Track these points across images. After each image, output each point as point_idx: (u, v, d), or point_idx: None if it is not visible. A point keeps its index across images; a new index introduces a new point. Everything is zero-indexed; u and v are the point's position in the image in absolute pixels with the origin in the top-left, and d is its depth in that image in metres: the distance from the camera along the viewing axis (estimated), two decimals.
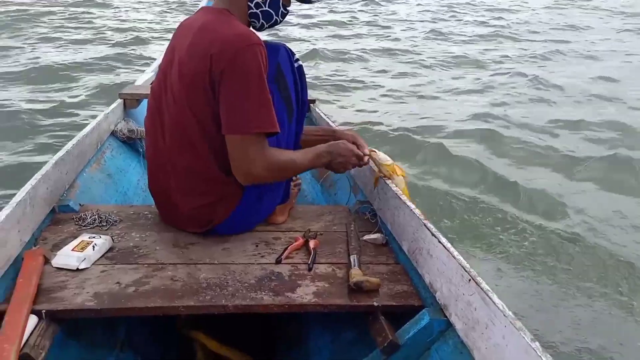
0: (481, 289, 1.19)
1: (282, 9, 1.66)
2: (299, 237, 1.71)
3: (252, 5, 1.62)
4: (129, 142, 2.69)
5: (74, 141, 2.06)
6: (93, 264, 1.50)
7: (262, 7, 1.63)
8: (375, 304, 1.41)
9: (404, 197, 1.69)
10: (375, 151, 1.86)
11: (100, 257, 1.54)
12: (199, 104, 1.55)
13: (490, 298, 1.16)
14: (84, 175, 2.11)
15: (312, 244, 1.66)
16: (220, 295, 1.40)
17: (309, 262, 1.57)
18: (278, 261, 1.57)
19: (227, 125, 1.52)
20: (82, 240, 1.56)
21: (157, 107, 1.68)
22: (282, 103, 1.67)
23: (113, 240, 1.63)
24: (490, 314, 1.15)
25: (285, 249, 1.63)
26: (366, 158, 1.80)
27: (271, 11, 1.64)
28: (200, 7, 1.83)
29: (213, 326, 1.75)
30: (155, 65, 3.62)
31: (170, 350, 1.79)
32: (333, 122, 2.57)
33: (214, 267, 1.54)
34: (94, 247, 1.54)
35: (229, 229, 1.69)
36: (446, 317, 1.34)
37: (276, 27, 1.83)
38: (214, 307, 1.37)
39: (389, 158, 1.86)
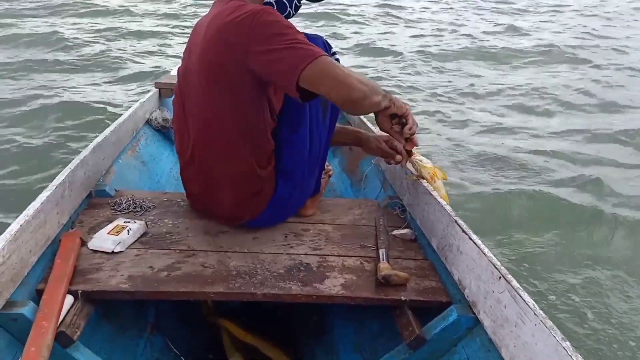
0: (512, 286, 1.19)
1: (296, 1, 1.63)
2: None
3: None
4: (163, 130, 2.74)
5: (111, 128, 2.11)
6: (127, 247, 1.54)
7: (272, 3, 1.59)
8: (402, 298, 1.41)
9: (435, 193, 1.68)
10: (415, 153, 1.80)
11: (135, 241, 1.58)
12: (228, 93, 1.51)
13: (520, 296, 1.15)
14: (120, 161, 2.16)
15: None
16: (250, 283, 1.42)
17: None
18: None
19: (298, 63, 1.38)
20: (118, 225, 1.60)
21: (181, 104, 1.67)
22: (317, 98, 1.66)
23: (147, 225, 1.66)
24: (520, 312, 1.14)
25: None
26: (398, 157, 1.76)
27: (285, 2, 1.61)
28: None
29: (238, 314, 1.77)
30: None
31: (198, 336, 1.82)
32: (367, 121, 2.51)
33: (244, 255, 1.56)
34: (128, 231, 1.57)
35: (260, 223, 1.71)
36: (474, 314, 1.33)
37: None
38: (243, 294, 1.39)
39: (429, 161, 1.81)
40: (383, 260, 1.53)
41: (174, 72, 3.28)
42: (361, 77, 1.44)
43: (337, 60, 1.74)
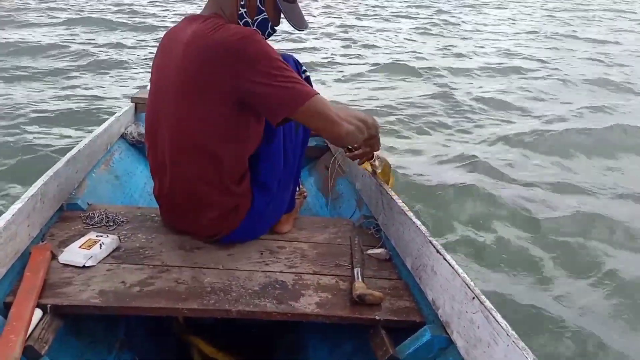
0: (485, 307, 1.20)
1: (269, 29, 1.64)
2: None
3: (241, 24, 1.59)
4: (138, 145, 2.71)
5: (85, 141, 2.08)
6: (99, 262, 1.52)
7: (249, 26, 1.60)
8: (377, 317, 1.42)
9: (410, 214, 1.70)
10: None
11: (107, 256, 1.55)
12: (205, 112, 1.52)
13: (493, 317, 1.17)
14: (93, 175, 2.13)
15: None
16: (224, 300, 1.41)
17: None
18: None
19: (292, 101, 1.46)
20: (90, 239, 1.58)
21: (155, 121, 1.65)
22: None
23: (120, 240, 1.64)
24: (493, 333, 1.16)
25: None
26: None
27: (258, 30, 1.61)
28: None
29: (210, 331, 1.75)
30: None
31: (168, 353, 1.79)
32: None
33: (219, 272, 1.55)
34: (101, 245, 1.55)
35: (235, 238, 1.70)
36: (447, 334, 1.34)
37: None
38: (217, 311, 1.38)
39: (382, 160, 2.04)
40: (358, 279, 1.54)
41: None
42: (347, 114, 1.56)
43: (308, 78, 1.78)
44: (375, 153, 1.90)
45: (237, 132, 1.57)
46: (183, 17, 1.68)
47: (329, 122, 1.50)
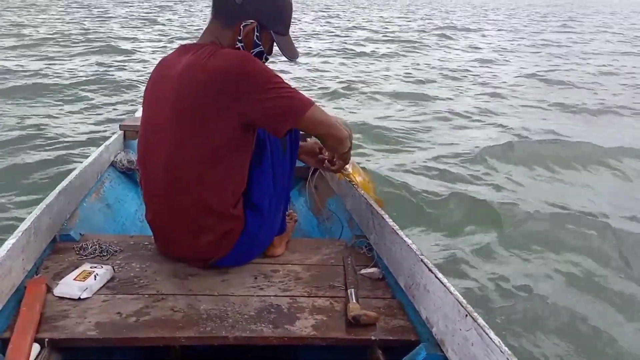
0: (478, 324, 1.22)
1: (263, 59, 1.70)
2: None
3: None
4: (127, 172, 2.72)
5: (76, 172, 2.09)
6: (94, 293, 1.52)
7: None
8: (372, 337, 1.43)
9: (401, 233, 1.72)
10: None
11: (102, 286, 1.56)
12: (202, 138, 1.55)
13: (487, 334, 1.19)
14: (84, 205, 2.14)
15: None
16: (221, 326, 1.42)
17: None
18: None
19: (295, 113, 1.56)
20: (84, 270, 1.58)
21: (149, 148, 1.67)
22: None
23: (114, 270, 1.65)
24: (487, 350, 1.18)
25: None
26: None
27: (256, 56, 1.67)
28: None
29: (207, 358, 1.75)
30: None
31: None
32: None
33: (214, 298, 1.56)
34: (95, 276, 1.55)
35: (230, 261, 1.72)
36: (442, 352, 1.36)
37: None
38: (214, 338, 1.39)
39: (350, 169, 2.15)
40: (352, 300, 1.56)
41: (139, 113, 3.28)
42: (337, 120, 1.68)
43: None
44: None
45: (237, 155, 1.61)
46: (176, 48, 1.72)
47: (332, 127, 1.65)
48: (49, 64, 8.97)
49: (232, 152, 1.58)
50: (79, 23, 14.11)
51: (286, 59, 1.73)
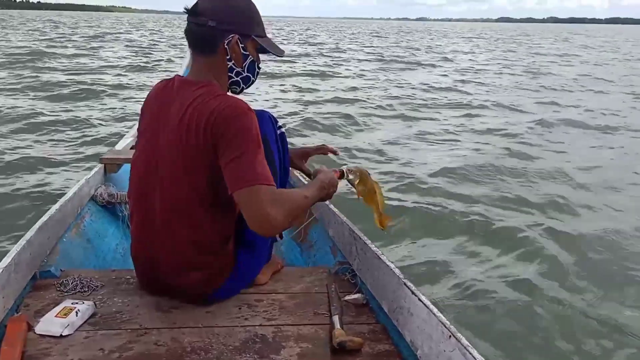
0: (461, 344, 1.24)
1: (256, 68, 1.73)
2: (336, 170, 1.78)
3: (233, 75, 1.67)
4: (108, 206, 2.71)
5: (56, 206, 2.08)
6: (76, 330, 1.50)
7: (242, 74, 1.68)
8: None
9: (383, 257, 1.74)
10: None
11: (84, 323, 1.54)
12: (202, 179, 1.56)
13: (470, 353, 1.20)
14: (64, 240, 2.12)
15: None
16: (205, 359, 1.41)
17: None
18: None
19: (237, 181, 1.48)
20: (65, 306, 1.56)
21: (144, 184, 1.66)
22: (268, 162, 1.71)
23: (96, 305, 1.63)
24: None
25: None
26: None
27: (249, 74, 1.70)
28: (179, 72, 1.85)
29: None
30: (135, 130, 3.66)
31: None
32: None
33: (198, 330, 1.55)
34: (77, 313, 1.54)
35: (218, 298, 1.71)
36: None
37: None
38: None
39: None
40: (337, 326, 1.56)
41: (119, 146, 3.28)
42: (284, 209, 1.48)
43: (283, 134, 1.83)
44: (343, 169, 1.82)
45: (228, 194, 1.55)
46: (173, 78, 1.70)
47: (256, 215, 1.46)
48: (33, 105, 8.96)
49: (224, 191, 1.54)
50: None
51: (274, 57, 1.75)
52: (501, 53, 27.73)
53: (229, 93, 1.72)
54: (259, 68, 1.74)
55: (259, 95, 10.65)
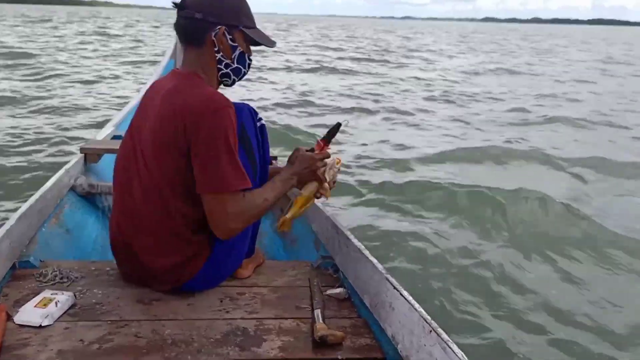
0: (442, 339, 1.25)
1: (247, 60, 1.73)
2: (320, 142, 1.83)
3: (222, 67, 1.68)
4: (88, 197, 2.67)
5: (36, 196, 2.05)
6: (56, 320, 1.49)
7: (231, 66, 1.69)
8: (339, 357, 1.44)
9: (366, 252, 1.75)
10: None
11: (63, 313, 1.53)
12: (172, 168, 1.57)
13: (450, 348, 1.22)
14: (43, 230, 2.09)
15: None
16: (186, 351, 1.41)
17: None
18: None
19: (203, 184, 1.54)
20: (45, 297, 1.55)
21: (126, 171, 1.68)
22: (247, 161, 1.71)
23: (75, 296, 1.61)
24: None
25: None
26: (327, 151, 1.82)
27: (239, 66, 1.71)
28: (170, 68, 1.88)
29: None
30: (116, 120, 3.62)
31: None
32: None
33: (179, 323, 1.54)
34: (56, 303, 1.52)
35: (195, 286, 1.71)
36: None
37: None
38: None
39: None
40: (319, 320, 1.56)
41: (100, 136, 3.23)
42: (245, 220, 1.61)
43: (263, 126, 1.83)
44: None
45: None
46: (170, 71, 1.76)
47: (219, 222, 1.57)
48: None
49: (194, 182, 1.57)
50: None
51: (265, 48, 1.75)
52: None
53: (222, 86, 1.73)
54: (250, 60, 1.75)
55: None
